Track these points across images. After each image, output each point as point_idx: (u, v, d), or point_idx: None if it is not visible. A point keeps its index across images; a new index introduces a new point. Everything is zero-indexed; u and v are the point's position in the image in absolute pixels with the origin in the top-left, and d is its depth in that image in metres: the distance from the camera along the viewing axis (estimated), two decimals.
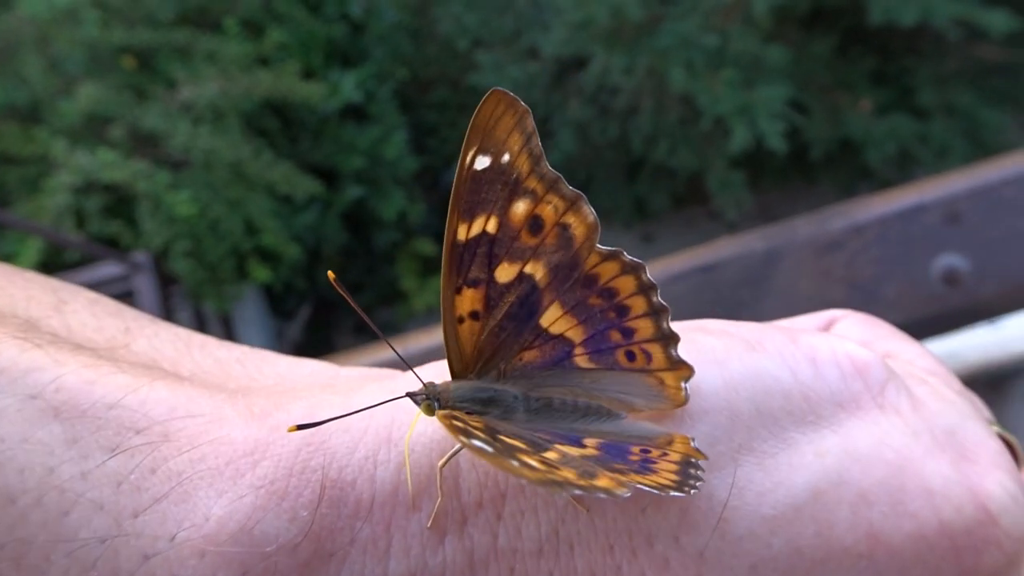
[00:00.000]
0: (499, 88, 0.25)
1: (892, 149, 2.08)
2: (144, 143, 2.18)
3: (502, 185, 0.25)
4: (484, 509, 0.23)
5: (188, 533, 0.21)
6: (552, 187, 0.25)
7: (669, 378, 0.24)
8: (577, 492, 0.20)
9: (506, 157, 0.24)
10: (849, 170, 2.35)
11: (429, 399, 0.24)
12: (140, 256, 2.22)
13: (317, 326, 2.77)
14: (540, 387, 0.26)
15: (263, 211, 2.23)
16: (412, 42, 2.73)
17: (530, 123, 0.25)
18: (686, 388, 0.24)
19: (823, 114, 2.23)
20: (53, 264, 2.11)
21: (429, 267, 2.85)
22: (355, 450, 0.23)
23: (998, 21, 1.78)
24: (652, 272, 0.55)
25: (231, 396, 0.24)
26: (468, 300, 0.26)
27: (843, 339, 0.26)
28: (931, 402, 0.25)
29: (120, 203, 2.18)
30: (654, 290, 0.26)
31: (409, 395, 0.24)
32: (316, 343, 2.66)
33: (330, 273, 0.26)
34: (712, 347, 0.25)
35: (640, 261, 0.26)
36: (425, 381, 0.24)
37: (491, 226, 0.25)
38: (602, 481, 0.21)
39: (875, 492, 0.22)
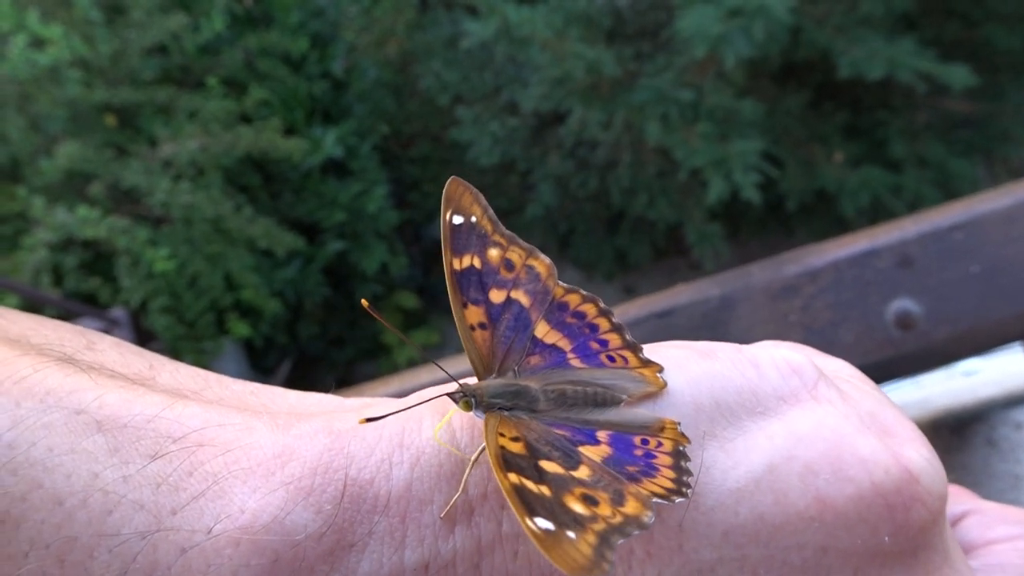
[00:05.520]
0: (456, 176, 0.32)
1: (865, 200, 2.11)
2: (124, 200, 2.18)
3: (476, 237, 0.31)
4: (488, 500, 0.25)
5: (224, 525, 0.24)
6: (512, 242, 0.32)
7: (646, 372, 0.29)
8: (619, 540, 0.23)
9: (473, 218, 0.31)
10: (825, 221, 2.38)
11: (466, 396, 0.27)
12: (118, 312, 2.20)
13: (298, 381, 2.74)
14: (552, 382, 0.30)
15: (243, 266, 2.23)
16: (394, 98, 2.77)
17: (483, 199, 0.32)
18: (662, 376, 0.28)
19: (797, 166, 2.27)
20: None
21: (411, 320, 2.83)
22: (372, 454, 0.26)
23: (959, 76, 1.82)
24: None
25: (255, 413, 0.27)
26: (474, 314, 0.31)
27: (779, 347, 0.30)
28: (854, 393, 0.29)
29: (98, 259, 2.17)
30: (611, 314, 0.31)
31: (448, 395, 0.27)
32: None
33: (364, 301, 0.30)
34: (674, 356, 0.29)
35: (595, 295, 0.32)
36: (460, 382, 0.28)
37: (476, 263, 0.31)
38: (630, 507, 0.24)
39: (818, 463, 0.26)
